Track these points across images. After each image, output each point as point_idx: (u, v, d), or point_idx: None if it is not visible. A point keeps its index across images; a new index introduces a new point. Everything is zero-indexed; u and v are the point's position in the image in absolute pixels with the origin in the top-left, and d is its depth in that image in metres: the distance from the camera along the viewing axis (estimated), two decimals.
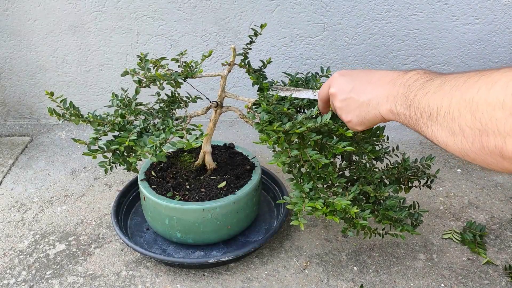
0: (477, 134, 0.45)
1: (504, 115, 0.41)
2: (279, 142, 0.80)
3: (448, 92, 0.50)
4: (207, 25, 1.50)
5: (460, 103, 0.47)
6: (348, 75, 0.74)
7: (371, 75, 0.69)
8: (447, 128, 0.50)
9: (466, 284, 0.98)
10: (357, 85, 0.70)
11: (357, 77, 0.72)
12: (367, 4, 1.47)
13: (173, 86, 0.94)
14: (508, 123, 0.41)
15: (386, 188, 0.90)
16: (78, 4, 1.45)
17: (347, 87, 0.72)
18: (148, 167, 1.10)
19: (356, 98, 0.69)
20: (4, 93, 1.62)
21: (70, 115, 0.84)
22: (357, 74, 0.73)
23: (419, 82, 0.58)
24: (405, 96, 0.59)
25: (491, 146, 0.44)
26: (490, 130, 0.43)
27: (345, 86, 0.72)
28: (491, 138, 0.43)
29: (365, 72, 0.72)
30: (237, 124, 1.67)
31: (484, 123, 0.44)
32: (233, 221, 1.01)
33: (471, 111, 0.45)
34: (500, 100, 0.42)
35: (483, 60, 1.58)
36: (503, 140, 0.42)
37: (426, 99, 0.54)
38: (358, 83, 0.70)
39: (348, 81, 0.72)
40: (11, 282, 0.99)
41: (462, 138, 0.47)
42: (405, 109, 0.59)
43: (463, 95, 0.47)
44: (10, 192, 1.32)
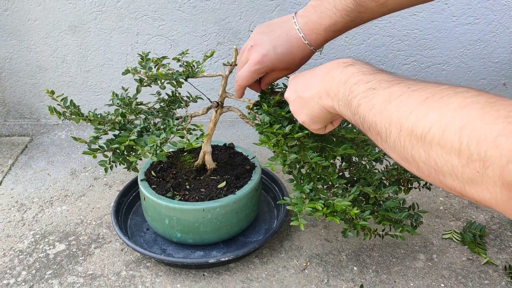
0: (433, 172, 0.43)
1: (461, 163, 0.39)
2: (278, 145, 0.80)
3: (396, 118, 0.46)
4: (207, 25, 1.50)
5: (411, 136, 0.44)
6: (298, 75, 0.73)
7: (313, 71, 0.68)
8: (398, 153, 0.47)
9: (466, 284, 0.99)
10: (302, 83, 0.69)
11: (303, 76, 0.71)
12: None
13: (174, 86, 0.94)
14: (465, 172, 0.39)
15: (386, 189, 0.91)
16: (78, 4, 1.45)
17: (295, 88, 0.71)
18: (148, 167, 1.10)
19: (302, 96, 0.68)
20: (4, 93, 1.62)
21: (71, 113, 0.84)
22: (304, 72, 0.72)
23: (361, 88, 0.54)
24: (347, 100, 0.56)
25: (450, 186, 0.42)
26: (447, 173, 0.41)
27: (294, 88, 0.72)
28: (448, 179, 0.41)
29: (311, 69, 0.71)
30: (237, 124, 1.67)
31: (440, 165, 0.41)
32: (233, 221, 1.01)
33: (424, 149, 0.43)
34: (455, 148, 0.39)
35: (483, 60, 1.58)
36: (462, 185, 0.40)
37: (371, 115, 0.51)
38: (303, 81, 0.69)
39: (297, 81, 0.72)
40: (11, 282, 0.99)
41: (417, 169, 0.45)
42: (350, 114, 0.57)
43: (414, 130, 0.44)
44: (10, 192, 1.32)
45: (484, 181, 0.38)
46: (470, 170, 0.38)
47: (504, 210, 0.38)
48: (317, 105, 0.65)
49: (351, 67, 0.59)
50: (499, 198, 0.37)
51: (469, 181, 0.39)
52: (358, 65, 0.60)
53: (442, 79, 1.61)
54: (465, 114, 0.39)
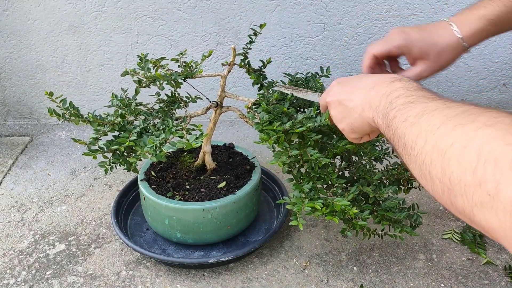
0: (446, 191, 0.42)
1: (474, 182, 0.37)
2: (279, 142, 0.80)
3: (424, 131, 0.46)
4: (207, 25, 1.50)
5: (433, 151, 0.43)
6: (343, 82, 0.72)
7: (361, 80, 0.68)
8: (419, 169, 0.47)
9: (466, 284, 0.99)
10: (348, 91, 0.69)
11: (349, 84, 0.70)
12: (367, 4, 1.47)
13: (173, 86, 0.94)
14: (476, 193, 0.37)
15: (386, 189, 0.90)
16: (78, 4, 1.45)
17: (340, 95, 0.71)
18: (148, 167, 1.10)
19: (346, 105, 0.68)
20: (4, 93, 1.62)
21: (70, 115, 0.84)
22: (350, 81, 0.71)
23: (401, 101, 0.54)
24: (385, 112, 0.57)
25: (460, 208, 0.40)
26: (458, 193, 0.39)
27: (338, 94, 0.71)
28: (459, 200, 0.40)
29: (357, 77, 0.70)
30: (237, 124, 1.67)
31: (453, 183, 0.40)
32: (233, 221, 1.01)
33: (442, 165, 0.42)
34: (472, 165, 0.38)
35: (483, 60, 1.58)
36: (471, 208, 0.38)
37: (403, 127, 0.51)
38: (349, 90, 0.69)
39: (342, 89, 0.71)
40: (11, 282, 0.99)
41: (432, 186, 0.44)
42: (384, 126, 0.57)
43: (437, 143, 0.43)
44: (10, 192, 1.32)
45: (494, 206, 0.35)
46: (481, 191, 0.37)
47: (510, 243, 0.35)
48: (359, 117, 0.65)
49: (397, 82, 0.59)
50: (508, 227, 0.34)
51: (478, 204, 0.37)
52: (405, 81, 0.59)
53: (442, 79, 1.61)
54: (489, 133, 0.38)
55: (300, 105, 0.93)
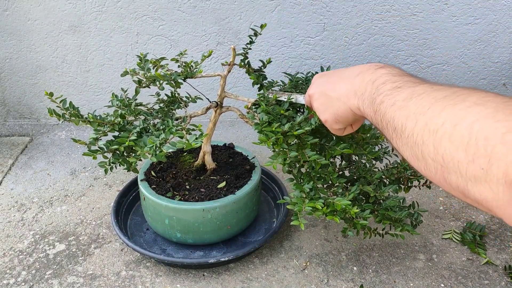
0: (439, 168, 0.43)
1: (467, 159, 0.39)
2: (278, 143, 0.80)
3: (413, 113, 0.47)
4: (207, 25, 1.50)
5: (424, 131, 0.44)
6: (325, 75, 0.73)
7: (344, 71, 0.68)
8: (410, 150, 0.48)
9: (466, 284, 0.99)
10: (331, 82, 0.69)
11: (332, 75, 0.71)
12: (367, 4, 1.47)
13: (173, 86, 0.94)
14: (470, 169, 0.39)
15: (386, 188, 0.90)
16: (78, 4, 1.45)
17: (322, 86, 0.71)
18: (148, 167, 1.10)
19: (329, 95, 0.68)
20: (4, 93, 1.62)
21: (70, 115, 0.84)
22: (333, 73, 0.72)
23: (387, 87, 0.55)
24: (372, 98, 0.57)
25: (453, 184, 0.42)
26: (452, 170, 0.41)
27: (320, 86, 0.71)
28: (453, 176, 0.41)
29: (340, 69, 0.70)
30: (237, 124, 1.67)
31: (446, 160, 0.41)
32: (233, 221, 1.01)
33: (434, 144, 0.43)
34: (464, 142, 0.39)
35: (483, 60, 1.58)
36: (465, 183, 0.40)
37: (391, 111, 0.52)
38: (332, 81, 0.69)
39: (324, 81, 0.71)
40: (11, 282, 0.99)
41: (425, 166, 0.45)
42: (372, 112, 0.57)
43: (428, 124, 0.44)
44: (10, 192, 1.32)
45: (488, 179, 0.37)
46: (475, 166, 0.38)
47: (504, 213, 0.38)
48: (343, 105, 0.65)
49: (382, 69, 0.60)
50: (501, 198, 0.37)
51: (472, 178, 0.39)
52: (389, 68, 0.60)
53: (442, 79, 1.61)
54: (478, 111, 0.40)
55: (300, 106, 0.93)
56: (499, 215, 0.38)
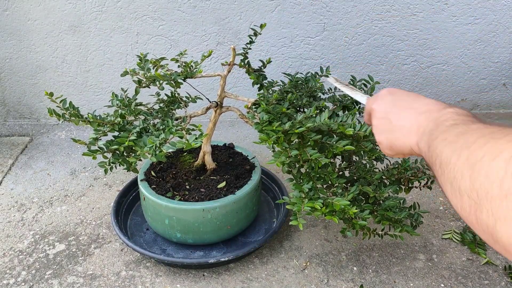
0: (473, 206, 0.41)
1: (500, 195, 0.37)
2: (279, 142, 0.80)
3: (459, 147, 0.46)
4: (207, 25, 1.50)
5: (465, 165, 0.43)
6: (395, 94, 0.71)
7: (415, 100, 0.66)
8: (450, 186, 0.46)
9: (466, 284, 0.98)
10: (397, 107, 0.67)
11: (401, 99, 0.69)
12: (367, 4, 1.47)
13: (172, 86, 0.94)
14: (502, 206, 0.36)
15: (386, 188, 0.90)
16: (78, 4, 1.45)
17: (388, 107, 0.69)
18: (148, 167, 1.10)
19: (391, 120, 0.67)
20: (4, 93, 1.62)
21: (70, 115, 0.84)
22: (403, 97, 0.70)
23: (447, 123, 0.54)
24: (430, 133, 0.56)
25: (484, 224, 0.39)
26: (484, 208, 0.39)
27: (386, 106, 0.70)
28: (484, 214, 0.39)
29: (411, 96, 0.69)
30: (237, 124, 1.67)
31: (480, 196, 0.39)
32: (233, 221, 1.01)
33: (471, 178, 0.41)
34: (499, 177, 0.37)
35: (483, 60, 1.58)
36: (494, 223, 0.38)
37: (441, 146, 0.51)
38: (399, 106, 0.67)
39: (392, 101, 0.69)
40: (11, 282, 0.99)
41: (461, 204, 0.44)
42: (426, 148, 0.56)
43: (469, 158, 0.42)
44: (10, 192, 1.32)
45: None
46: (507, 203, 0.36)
47: None
48: (402, 138, 0.64)
49: (450, 108, 0.59)
50: None
51: (502, 217, 0.36)
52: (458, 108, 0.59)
53: (442, 79, 1.61)
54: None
55: (300, 105, 0.93)
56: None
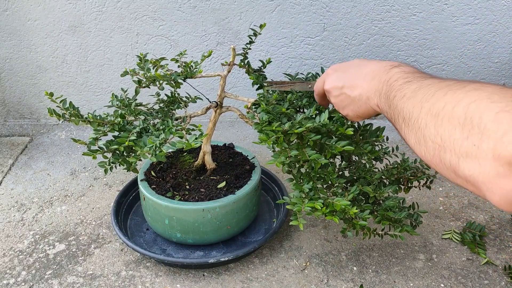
0: (437, 149, 0.46)
1: (462, 136, 0.42)
2: (278, 142, 0.80)
3: (419, 101, 0.51)
4: (207, 25, 1.50)
5: (428, 115, 0.48)
6: (340, 70, 0.76)
7: (360, 70, 0.72)
8: (414, 135, 0.51)
9: (466, 284, 0.99)
10: (348, 80, 0.73)
11: (348, 72, 0.74)
12: (367, 4, 1.47)
13: (172, 86, 0.94)
14: (463, 145, 0.42)
15: (386, 188, 0.90)
16: (78, 4, 1.45)
17: (339, 83, 0.74)
18: (148, 167, 1.10)
19: (348, 93, 0.72)
20: (4, 93, 1.62)
21: (70, 115, 0.84)
22: (348, 69, 0.75)
23: (399, 82, 0.60)
24: (386, 95, 0.62)
25: (447, 163, 0.45)
26: (448, 148, 0.44)
27: (337, 83, 0.75)
28: (447, 155, 0.44)
29: (355, 65, 0.74)
30: (237, 124, 1.67)
31: (444, 139, 0.45)
32: (232, 221, 1.01)
33: (435, 125, 0.47)
34: (460, 121, 0.42)
35: (483, 60, 1.58)
36: (457, 160, 0.43)
37: (401, 102, 0.56)
38: (349, 79, 0.73)
39: (340, 77, 0.75)
40: (11, 282, 0.99)
41: (425, 149, 0.49)
42: (387, 107, 0.62)
43: (431, 108, 0.48)
44: (10, 192, 1.32)
45: (478, 154, 0.40)
46: (468, 142, 0.41)
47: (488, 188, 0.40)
48: (364, 104, 0.70)
49: (395, 68, 0.65)
50: (487, 172, 0.39)
51: (464, 154, 0.42)
52: (402, 66, 0.65)
53: None
54: (476, 94, 0.43)
55: (300, 105, 0.93)
56: (484, 192, 0.41)
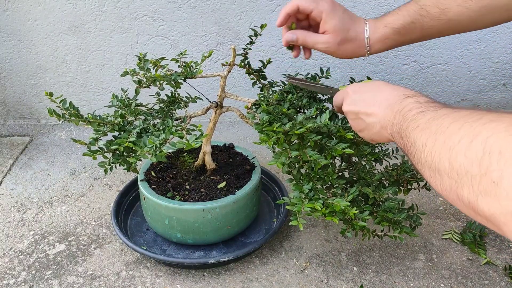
0: (454, 185, 0.44)
1: (480, 172, 0.40)
2: (279, 143, 0.80)
3: (434, 133, 0.49)
4: (207, 26, 1.50)
5: (442, 148, 0.46)
6: (358, 92, 0.76)
7: (376, 96, 0.71)
8: (429, 169, 0.49)
9: (466, 285, 0.99)
10: (363, 106, 0.73)
11: (364, 97, 0.74)
12: (367, 4, 1.47)
13: (172, 87, 0.94)
14: (482, 183, 0.39)
15: (386, 189, 0.90)
16: (78, 4, 1.45)
17: (355, 108, 0.75)
18: (148, 167, 1.10)
19: (364, 119, 0.73)
20: (4, 93, 1.62)
21: (70, 115, 0.84)
22: (365, 92, 0.75)
23: (413, 112, 0.58)
24: (399, 125, 0.61)
25: (465, 199, 0.43)
26: (465, 184, 0.42)
27: (354, 107, 0.75)
28: (465, 191, 0.42)
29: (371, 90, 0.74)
30: (237, 124, 1.67)
31: (460, 175, 0.43)
32: (233, 221, 1.01)
33: (449, 160, 0.44)
34: (478, 157, 0.40)
35: (483, 61, 1.58)
36: (475, 198, 0.41)
37: (414, 133, 0.54)
38: (364, 105, 0.73)
39: (356, 102, 0.75)
40: (11, 282, 0.99)
41: (441, 183, 0.47)
42: (400, 138, 0.61)
43: (446, 141, 0.46)
44: (10, 192, 1.32)
45: (498, 193, 0.37)
46: (486, 180, 0.39)
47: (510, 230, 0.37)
48: (378, 132, 0.71)
49: (409, 98, 0.63)
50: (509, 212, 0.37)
51: (483, 192, 0.39)
52: (416, 96, 0.63)
53: (442, 79, 1.61)
54: (493, 126, 0.40)
55: (300, 105, 0.93)
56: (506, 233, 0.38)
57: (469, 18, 0.79)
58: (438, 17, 0.80)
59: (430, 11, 0.80)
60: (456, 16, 0.79)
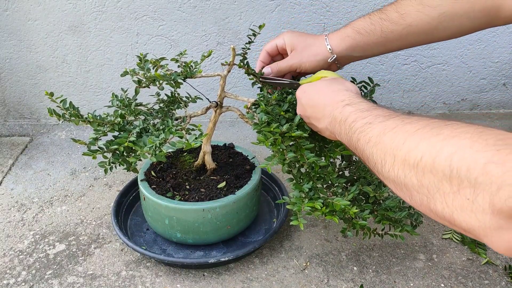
0: (425, 200, 0.44)
1: (452, 190, 0.40)
2: (276, 144, 0.80)
3: (390, 149, 0.49)
4: (207, 25, 1.50)
5: (404, 165, 0.46)
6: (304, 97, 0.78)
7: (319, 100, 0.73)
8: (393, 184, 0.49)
9: (466, 284, 0.99)
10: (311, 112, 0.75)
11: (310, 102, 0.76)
12: (367, 4, 1.47)
13: (172, 86, 0.94)
14: (456, 199, 0.40)
15: (386, 188, 0.90)
16: (78, 4, 1.45)
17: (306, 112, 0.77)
18: (148, 167, 1.10)
19: (314, 124, 0.75)
20: (4, 93, 1.62)
21: (70, 115, 0.84)
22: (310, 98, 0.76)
23: (358, 124, 0.58)
24: (349, 136, 0.61)
25: (440, 214, 0.43)
26: (438, 200, 0.42)
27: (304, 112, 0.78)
28: (438, 206, 0.42)
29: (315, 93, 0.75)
30: (237, 124, 1.67)
31: (431, 191, 0.42)
32: (233, 221, 1.01)
33: (417, 177, 0.44)
34: (446, 174, 0.40)
35: (483, 60, 1.58)
36: (451, 213, 0.41)
37: (368, 148, 0.54)
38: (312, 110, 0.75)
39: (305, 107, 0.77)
40: (11, 282, 0.99)
41: (410, 197, 0.47)
42: (353, 148, 0.61)
43: (406, 158, 0.46)
44: (10, 192, 1.32)
45: (474, 209, 0.38)
46: (460, 197, 0.39)
47: (492, 240, 0.38)
48: (331, 135, 0.72)
49: (348, 106, 0.64)
50: (487, 226, 0.37)
51: (459, 208, 0.39)
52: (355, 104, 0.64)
53: (442, 79, 1.61)
54: (455, 142, 0.41)
55: None
56: (486, 242, 0.39)
57: (429, 25, 0.80)
58: (398, 21, 0.81)
59: (390, 15, 0.82)
60: (416, 22, 0.80)
